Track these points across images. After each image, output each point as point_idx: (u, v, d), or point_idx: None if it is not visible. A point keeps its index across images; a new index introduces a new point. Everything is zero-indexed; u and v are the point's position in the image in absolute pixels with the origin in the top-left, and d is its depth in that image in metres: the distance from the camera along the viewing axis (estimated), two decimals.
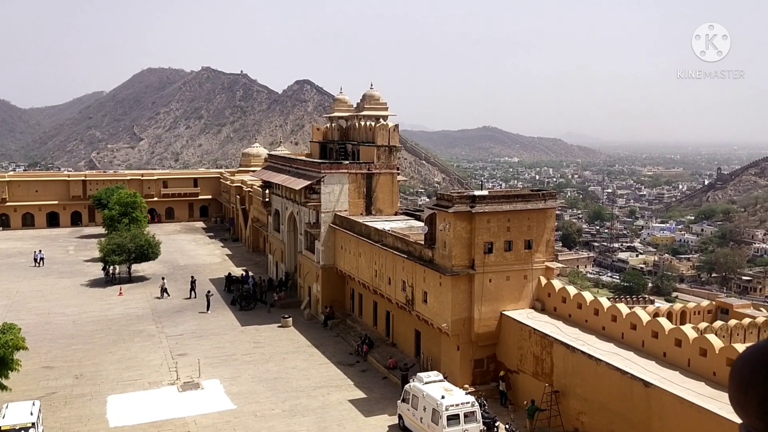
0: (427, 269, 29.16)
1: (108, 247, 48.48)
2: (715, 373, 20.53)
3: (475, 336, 27.95)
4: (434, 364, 29.69)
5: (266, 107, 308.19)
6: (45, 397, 27.47)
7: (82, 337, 36.66)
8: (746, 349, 1.80)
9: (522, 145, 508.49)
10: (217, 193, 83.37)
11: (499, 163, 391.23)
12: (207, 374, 30.85)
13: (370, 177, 41.19)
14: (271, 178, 47.78)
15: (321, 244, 40.54)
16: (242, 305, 43.01)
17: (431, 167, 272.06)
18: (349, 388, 29.81)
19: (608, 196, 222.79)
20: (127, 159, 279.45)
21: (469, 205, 27.15)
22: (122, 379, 30.46)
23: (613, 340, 24.65)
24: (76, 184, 78.84)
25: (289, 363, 32.98)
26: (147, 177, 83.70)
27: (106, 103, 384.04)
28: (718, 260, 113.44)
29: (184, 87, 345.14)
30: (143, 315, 41.28)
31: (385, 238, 33.95)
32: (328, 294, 40.75)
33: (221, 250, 64.45)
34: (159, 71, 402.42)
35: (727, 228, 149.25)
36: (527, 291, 28.66)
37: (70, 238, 70.11)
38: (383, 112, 44.47)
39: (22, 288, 47.81)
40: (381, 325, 36.58)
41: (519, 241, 28.14)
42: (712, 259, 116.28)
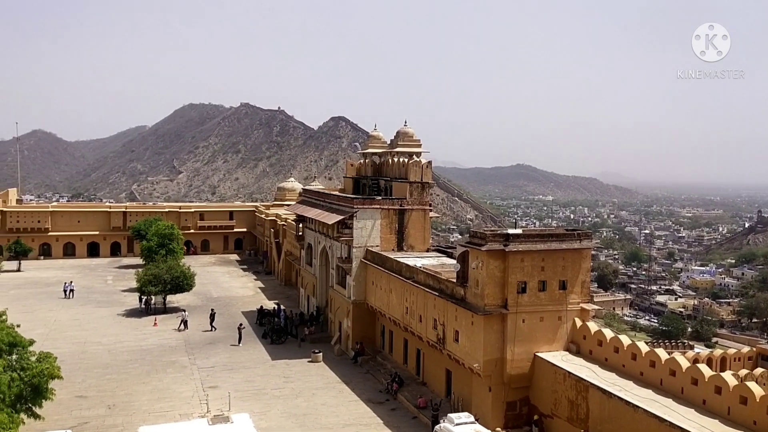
0: (458, 307, 28.90)
1: (145, 278, 49.33)
2: (756, 422, 19.75)
3: (507, 377, 27.45)
4: (465, 405, 29.19)
5: (302, 143, 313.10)
6: (77, 426, 27.74)
7: (117, 367, 37.08)
8: None
9: (556, 184, 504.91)
10: (252, 226, 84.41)
11: (532, 201, 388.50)
12: (237, 408, 30.78)
13: (402, 213, 41.31)
14: (305, 212, 48.27)
15: (352, 279, 40.58)
16: (273, 339, 43.10)
17: (464, 204, 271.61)
18: (378, 427, 29.44)
19: (645, 237, 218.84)
20: (166, 191, 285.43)
21: (503, 244, 26.96)
22: (154, 410, 30.62)
23: (651, 386, 23.95)
24: (117, 215, 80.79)
25: (318, 399, 32.79)
26: (184, 209, 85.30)
27: (148, 137, 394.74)
28: (759, 305, 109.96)
29: (223, 122, 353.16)
30: (176, 346, 41.63)
31: (416, 274, 33.84)
32: (358, 330, 40.60)
33: (254, 282, 64.92)
34: (199, 107, 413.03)
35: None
36: (562, 333, 28.13)
37: (108, 268, 71.50)
38: (416, 148, 44.78)
39: (59, 317, 48.74)
40: (411, 363, 36.20)
41: (553, 282, 27.75)
42: (752, 303, 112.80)
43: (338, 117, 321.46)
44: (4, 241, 74.23)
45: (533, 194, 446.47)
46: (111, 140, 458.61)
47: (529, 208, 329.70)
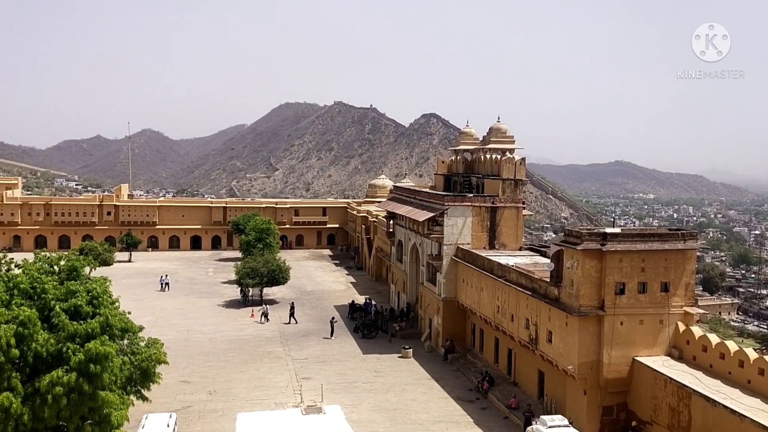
0: (552, 308, 28.24)
1: (243, 271, 51.37)
2: None
3: (604, 381, 26.56)
4: (559, 408, 28.51)
5: (393, 140, 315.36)
6: (181, 410, 29.30)
7: (217, 355, 38.86)
8: None
9: (658, 181, 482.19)
10: (344, 222, 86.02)
11: (632, 199, 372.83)
12: (329, 399, 31.51)
13: (494, 210, 40.80)
14: (396, 209, 48.61)
15: (442, 277, 40.51)
16: (364, 333, 43.75)
17: (558, 202, 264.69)
18: (468, 426, 29.28)
19: (756, 239, 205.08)
20: (263, 188, 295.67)
21: (600, 243, 26.09)
22: (251, 397, 31.86)
23: (760, 395, 22.47)
24: (218, 210, 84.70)
25: (408, 394, 33.00)
26: (280, 205, 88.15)
27: (247, 135, 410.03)
28: None
29: (317, 120, 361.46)
30: (272, 337, 43.10)
31: (508, 273, 33.34)
32: (448, 327, 40.49)
33: (346, 277, 66.12)
34: (295, 106, 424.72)
35: None
36: (663, 337, 26.89)
37: (210, 261, 75.01)
38: (509, 145, 44.06)
39: (165, 305, 51.62)
40: (502, 362, 35.73)
41: (654, 283, 26.57)
42: None
43: (429, 114, 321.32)
44: (116, 233, 79.50)
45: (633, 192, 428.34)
46: (212, 138, 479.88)
47: (629, 206, 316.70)
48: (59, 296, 21.95)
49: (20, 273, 22.92)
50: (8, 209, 78.99)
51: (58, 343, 20.52)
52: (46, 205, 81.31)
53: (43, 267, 23.83)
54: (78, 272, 24.07)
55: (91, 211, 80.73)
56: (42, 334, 20.47)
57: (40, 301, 21.66)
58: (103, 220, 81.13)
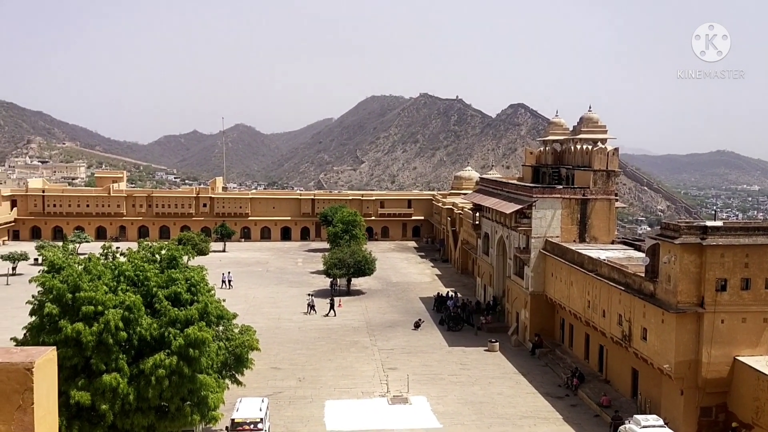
0: (647, 304, 27.17)
1: (331, 261, 52.45)
2: None
3: (702, 381, 25.33)
4: (653, 408, 27.45)
5: (479, 131, 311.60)
6: (272, 395, 30.33)
7: (306, 343, 39.94)
8: None
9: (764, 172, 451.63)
10: (429, 214, 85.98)
11: (735, 191, 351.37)
12: (415, 390, 31.76)
13: (584, 203, 39.60)
14: (482, 201, 48.11)
15: (530, 270, 39.78)
16: (450, 326, 43.68)
17: (654, 194, 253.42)
18: (557, 422, 28.71)
19: None
20: (349, 180, 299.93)
21: (700, 237, 24.85)
22: (339, 386, 32.57)
23: None
24: (306, 202, 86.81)
25: (494, 388, 32.72)
26: (366, 197, 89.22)
27: (334, 128, 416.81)
28: None
29: (402, 113, 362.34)
30: (359, 327, 43.82)
31: (600, 267, 32.32)
32: (536, 321, 39.75)
33: (431, 270, 66.16)
34: (381, 98, 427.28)
35: None
36: (767, 336, 25.32)
37: (299, 251, 77.05)
38: (601, 135, 42.61)
39: (257, 294, 53.50)
40: (593, 359, 34.73)
41: (759, 280, 25.04)
42: None
43: (517, 104, 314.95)
44: (212, 224, 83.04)
45: (736, 183, 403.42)
46: (301, 132, 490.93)
47: (731, 198, 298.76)
48: (160, 283, 23.17)
49: (125, 261, 24.38)
50: (115, 201, 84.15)
51: (161, 328, 21.72)
52: (148, 197, 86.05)
53: (146, 256, 25.18)
54: (177, 261, 25.27)
55: (188, 203, 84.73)
56: (146, 318, 21.75)
57: (143, 287, 22.96)
58: (199, 212, 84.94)
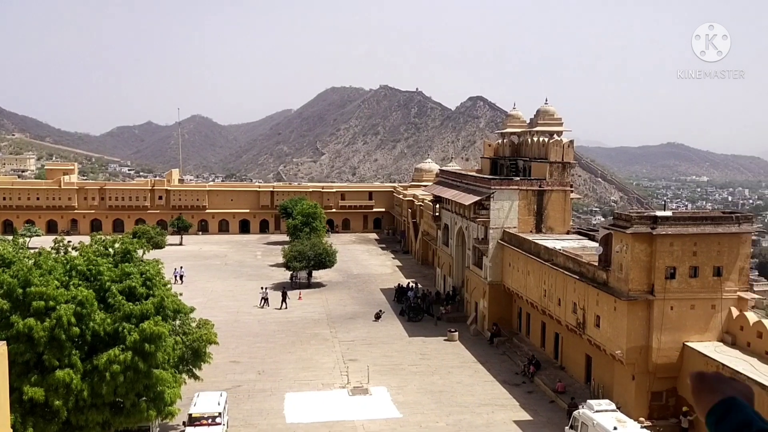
0: (600, 292, 27.84)
1: (290, 254, 52.17)
2: None
3: (653, 366, 26.12)
4: (606, 392, 28.18)
5: (439, 123, 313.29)
6: (231, 389, 30.10)
7: (265, 336, 39.72)
8: None
9: (712, 164, 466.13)
10: (390, 206, 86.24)
11: (684, 182, 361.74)
12: (375, 381, 31.93)
13: (541, 194, 40.28)
14: (442, 192, 48.49)
15: (489, 261, 40.32)
16: (410, 316, 43.99)
17: (607, 185, 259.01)
18: (514, 409, 29.26)
19: None
20: (309, 172, 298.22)
21: (650, 227, 25.54)
22: (299, 378, 32.52)
23: None
24: (265, 194, 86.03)
25: (454, 377, 33.13)
26: (327, 189, 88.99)
27: (293, 120, 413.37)
28: None
29: (362, 105, 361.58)
30: (319, 319, 43.77)
31: (555, 257, 32.97)
32: (494, 311, 40.36)
33: (392, 261, 66.44)
34: (341, 90, 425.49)
35: None
36: (715, 322, 26.24)
37: (258, 244, 76.37)
38: (557, 127, 43.34)
39: (216, 288, 52.90)
40: (549, 346, 35.46)
41: (707, 268, 25.90)
42: None
43: (476, 97, 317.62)
44: (168, 217, 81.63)
45: (685, 175, 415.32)
46: (260, 124, 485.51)
47: (681, 189, 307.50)
48: (114, 278, 22.74)
49: (77, 255, 23.82)
50: (66, 194, 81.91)
51: (115, 323, 21.34)
52: (101, 189, 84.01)
53: (99, 249, 24.67)
54: (131, 255, 24.85)
55: (143, 196, 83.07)
56: (99, 314, 21.32)
57: (96, 282, 22.49)
58: (154, 205, 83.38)
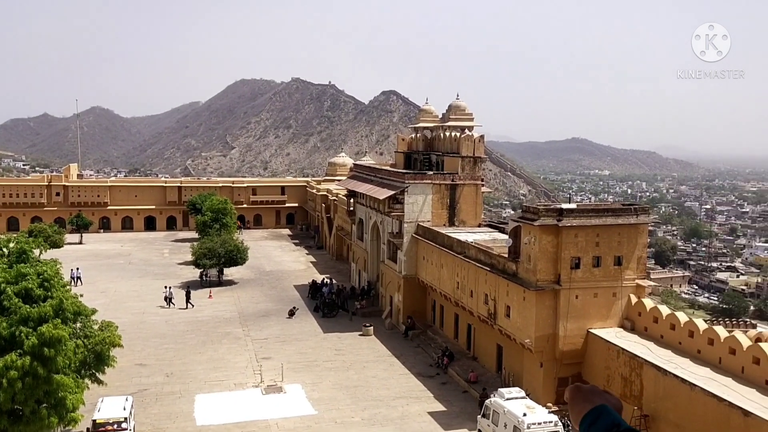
0: (510, 283, 28.61)
1: (200, 251, 50.56)
2: None
3: (559, 353, 27.12)
4: (516, 380, 29.03)
5: (353, 117, 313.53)
6: (137, 393, 28.84)
7: (174, 337, 38.31)
8: None
9: (613, 158, 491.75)
10: (303, 201, 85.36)
11: (588, 176, 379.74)
12: (289, 378, 31.49)
13: (453, 188, 40.96)
14: (356, 187, 48.41)
15: (403, 254, 40.62)
16: (325, 312, 43.68)
17: (517, 179, 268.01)
18: (428, 400, 29.61)
19: (707, 213, 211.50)
20: (219, 167, 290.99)
21: (556, 219, 26.45)
22: (209, 379, 31.56)
23: (709, 364, 23.27)
24: (172, 190, 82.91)
25: (369, 372, 33.16)
26: (237, 184, 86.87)
27: (202, 112, 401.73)
28: None
29: (274, 97, 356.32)
30: (230, 318, 42.68)
31: (468, 249, 33.61)
32: (409, 304, 40.73)
33: (306, 257, 65.79)
34: (251, 82, 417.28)
35: None
36: (616, 309, 27.56)
37: (165, 242, 73.61)
38: (469, 122, 44.17)
39: (119, 288, 50.54)
40: (462, 337, 36.17)
41: (608, 257, 27.14)
42: None
43: (389, 91, 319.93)
44: (66, 214, 77.14)
45: (589, 169, 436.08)
46: (166, 116, 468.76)
47: (585, 182, 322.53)
48: (9, 279, 21.41)
49: None
50: None
51: (11, 327, 20.16)
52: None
53: None
54: (27, 255, 23.41)
55: (39, 192, 78.07)
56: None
57: None
58: (52, 201, 78.56)
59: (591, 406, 2.06)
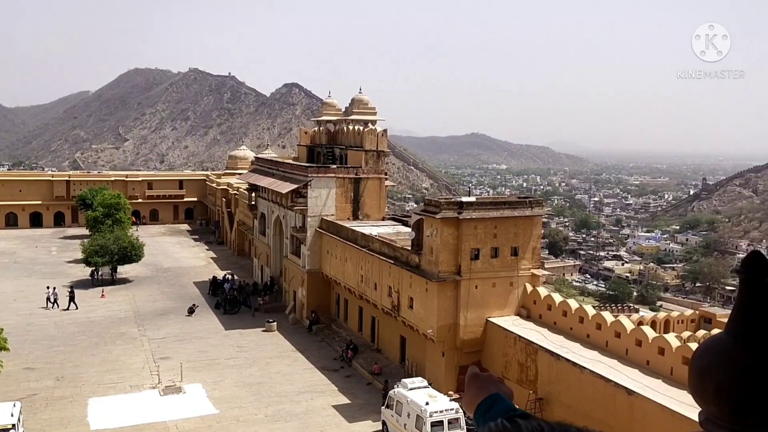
0: (413, 275, 29.10)
1: (91, 249, 48.03)
2: None
3: (460, 342, 27.89)
4: (419, 371, 29.60)
5: (254, 110, 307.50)
6: (26, 398, 27.07)
7: (64, 339, 36.25)
8: (704, 340, 1.95)
9: (510, 153, 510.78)
10: (203, 195, 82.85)
11: (487, 170, 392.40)
12: (189, 378, 30.57)
13: (357, 182, 41.11)
14: (258, 181, 47.58)
15: (307, 249, 40.37)
16: (226, 309, 42.70)
17: (419, 173, 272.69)
18: (333, 394, 29.65)
19: (595, 205, 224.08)
20: (111, 160, 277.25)
21: (457, 212, 27.14)
22: (103, 381, 30.12)
23: (597, 348, 24.70)
24: (60, 184, 78.02)
25: (272, 368, 32.77)
26: (131, 178, 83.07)
27: (92, 103, 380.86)
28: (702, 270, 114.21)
29: (170, 88, 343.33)
30: (125, 317, 40.87)
31: (371, 243, 33.86)
32: (313, 299, 40.55)
33: (206, 253, 64.01)
34: (146, 72, 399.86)
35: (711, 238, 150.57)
36: (513, 298, 28.67)
37: (53, 239, 69.29)
38: (372, 116, 44.43)
39: (4, 288, 47.19)
40: (366, 330, 36.44)
41: (505, 248, 28.17)
42: (696, 268, 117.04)
43: (291, 84, 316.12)
44: None
45: (487, 163, 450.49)
46: (52, 106, 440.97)
47: (484, 176, 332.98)
48: None
49: None
50: None
51: None
52: None
53: None
54: None
55: None
56: None
57: None
58: None
59: (486, 395, 2.12)
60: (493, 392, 2.17)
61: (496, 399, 2.12)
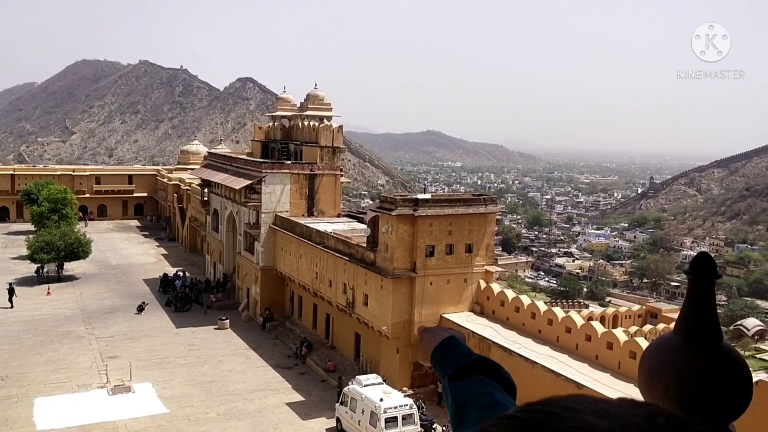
0: (368, 272, 29.10)
1: (36, 245, 46.49)
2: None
3: (415, 339, 28.02)
4: (374, 367, 29.65)
5: (207, 104, 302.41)
6: None
7: (8, 338, 35.02)
8: (654, 340, 2.02)
9: (465, 150, 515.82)
10: (154, 190, 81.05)
11: (442, 167, 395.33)
12: (139, 377, 29.92)
13: (312, 178, 40.85)
14: (211, 176, 46.81)
15: (261, 245, 39.94)
16: (177, 307, 41.90)
17: (375, 170, 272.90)
18: (287, 391, 29.43)
19: (547, 203, 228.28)
20: (58, 153, 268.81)
21: (412, 209, 27.26)
22: (50, 381, 29.23)
23: (548, 343, 25.18)
24: (4, 178, 75.23)
25: (225, 366, 32.33)
26: (79, 172, 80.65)
27: (38, 94, 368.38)
28: (649, 266, 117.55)
29: (120, 80, 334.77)
30: (72, 316, 39.70)
31: (326, 240, 33.72)
32: (267, 296, 40.16)
33: (156, 249, 62.68)
34: (94, 63, 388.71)
35: (657, 235, 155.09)
36: (467, 294, 28.96)
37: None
38: (327, 112, 44.21)
39: None
40: (321, 327, 36.29)
41: (460, 245, 28.42)
42: (643, 265, 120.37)
43: (246, 78, 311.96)
44: None
45: (443, 160, 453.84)
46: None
47: (439, 174, 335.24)
48: None
49: None
50: None
51: None
52: None
53: None
54: None
55: None
56: None
57: None
58: None
59: (440, 340, 2.08)
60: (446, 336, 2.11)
61: (451, 343, 2.09)
